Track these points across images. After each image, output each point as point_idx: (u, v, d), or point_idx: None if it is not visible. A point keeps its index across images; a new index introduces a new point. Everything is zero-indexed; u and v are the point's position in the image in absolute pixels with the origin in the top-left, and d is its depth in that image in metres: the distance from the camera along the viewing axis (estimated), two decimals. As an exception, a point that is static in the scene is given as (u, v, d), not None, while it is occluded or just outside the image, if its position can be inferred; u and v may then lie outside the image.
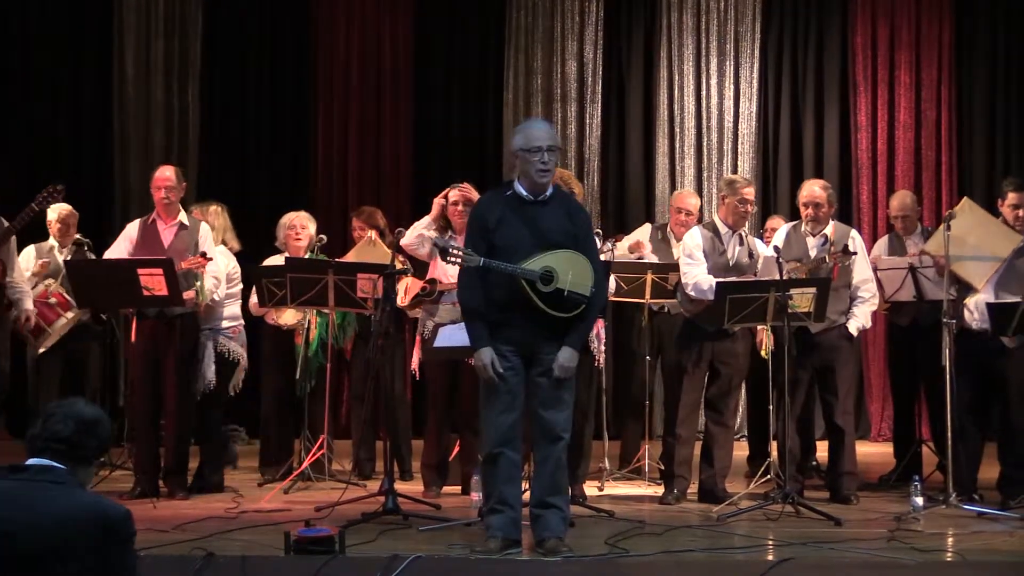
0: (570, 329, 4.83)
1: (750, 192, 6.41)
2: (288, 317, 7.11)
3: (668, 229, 7.43)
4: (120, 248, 6.50)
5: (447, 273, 6.44)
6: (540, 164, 4.78)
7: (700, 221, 7.08)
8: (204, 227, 6.59)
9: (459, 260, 4.75)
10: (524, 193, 4.85)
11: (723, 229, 6.42)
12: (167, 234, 6.50)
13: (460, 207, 6.47)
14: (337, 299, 6.55)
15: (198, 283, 6.39)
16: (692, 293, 6.31)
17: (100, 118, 9.67)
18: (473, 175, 7.76)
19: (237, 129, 9.93)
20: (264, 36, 10.03)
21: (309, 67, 10.02)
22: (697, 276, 6.29)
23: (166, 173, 6.52)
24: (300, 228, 7.17)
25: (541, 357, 4.82)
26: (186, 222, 6.55)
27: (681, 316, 6.61)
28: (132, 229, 6.55)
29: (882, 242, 7.43)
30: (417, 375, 6.73)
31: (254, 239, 7.79)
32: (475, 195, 6.45)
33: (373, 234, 7.22)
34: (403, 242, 6.44)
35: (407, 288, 6.65)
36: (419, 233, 6.47)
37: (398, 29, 10.04)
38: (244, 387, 8.22)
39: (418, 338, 6.68)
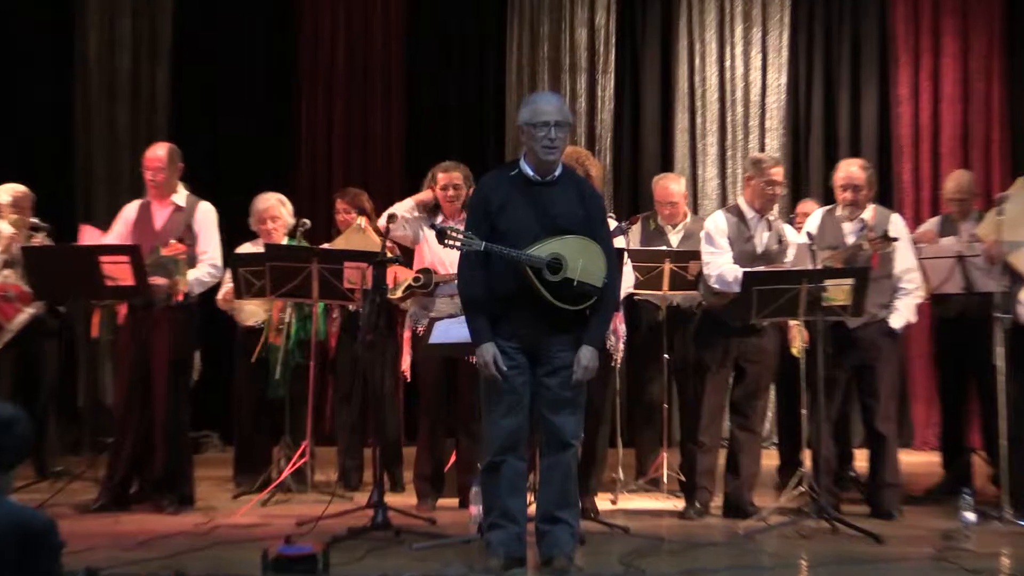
0: (589, 325, 4.82)
1: (778, 172, 6.38)
2: (249, 315, 7.08)
3: (660, 218, 7.45)
4: (116, 232, 6.56)
5: (444, 262, 6.42)
6: (547, 141, 4.78)
7: (723, 205, 7.05)
8: (203, 208, 6.58)
9: (458, 244, 4.71)
10: (530, 173, 4.85)
11: (749, 214, 6.39)
12: (160, 216, 6.54)
13: (450, 191, 6.46)
14: (321, 290, 6.53)
15: (179, 276, 6.36)
16: (716, 285, 6.27)
17: (60, 95, 9.62)
18: (472, 156, 7.75)
19: (211, 107, 9.89)
20: (241, 5, 9.97)
21: (290, 38, 10.00)
22: (721, 266, 6.26)
23: (157, 152, 6.56)
24: (272, 219, 7.16)
25: (548, 355, 4.80)
26: (182, 203, 6.56)
27: (693, 310, 6.59)
28: (130, 211, 6.61)
29: (933, 222, 7.39)
30: (408, 376, 6.71)
31: (231, 225, 7.74)
32: (460, 178, 6.46)
33: (363, 220, 7.20)
34: (380, 223, 6.42)
35: (396, 277, 6.62)
36: (400, 215, 6.47)
37: (388, -6, 10.03)
38: (218, 389, 8.19)
39: (408, 334, 6.66)
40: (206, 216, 6.57)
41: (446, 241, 4.76)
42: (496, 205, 4.79)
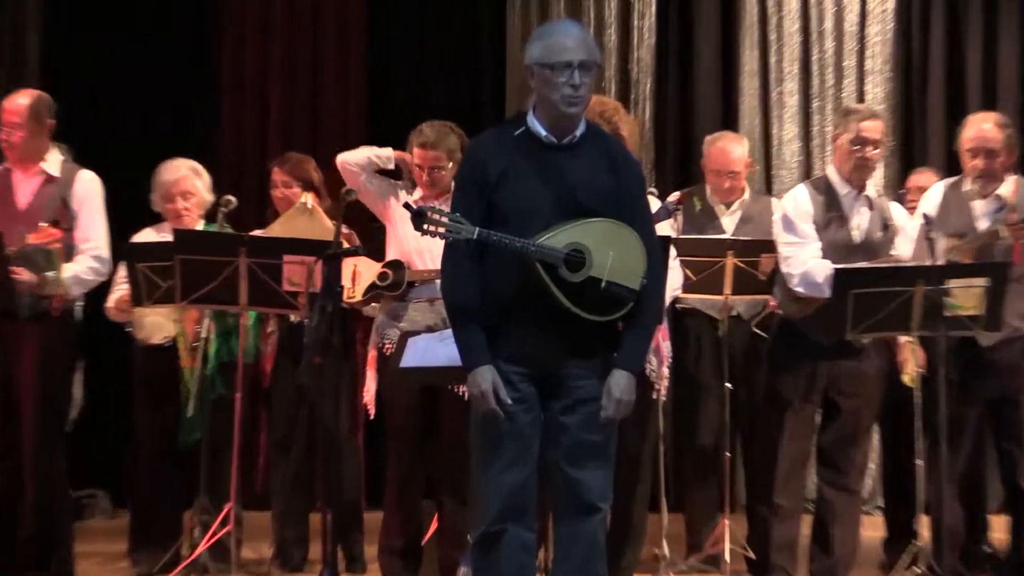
0: (623, 342, 4.81)
1: (873, 128, 6.42)
2: (152, 329, 7.09)
3: (708, 194, 7.48)
4: None
5: (422, 253, 6.43)
6: (568, 88, 4.77)
7: (806, 176, 7.06)
8: (84, 179, 6.60)
9: (442, 231, 4.70)
10: (542, 132, 4.85)
11: (842, 189, 6.43)
12: (24, 190, 6.57)
13: (425, 175, 6.51)
14: (252, 294, 6.55)
15: (51, 273, 6.36)
16: (799, 288, 6.31)
17: None
18: (460, 114, 7.71)
19: (99, 47, 9.90)
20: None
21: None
22: (807, 262, 6.30)
23: (17, 102, 6.59)
24: (183, 196, 7.18)
25: (567, 384, 4.80)
26: (54, 172, 6.59)
27: (756, 330, 6.60)
28: None
29: None
30: (372, 411, 6.71)
31: (125, 204, 7.77)
32: (442, 158, 6.49)
33: (309, 198, 7.21)
34: (341, 159, 6.50)
35: (357, 274, 6.62)
36: (368, 157, 6.53)
37: None
38: (107, 431, 8.19)
39: (374, 353, 6.66)
40: (88, 190, 6.59)
41: (426, 226, 4.74)
42: (495, 176, 4.78)
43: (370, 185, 6.59)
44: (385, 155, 6.61)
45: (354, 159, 6.59)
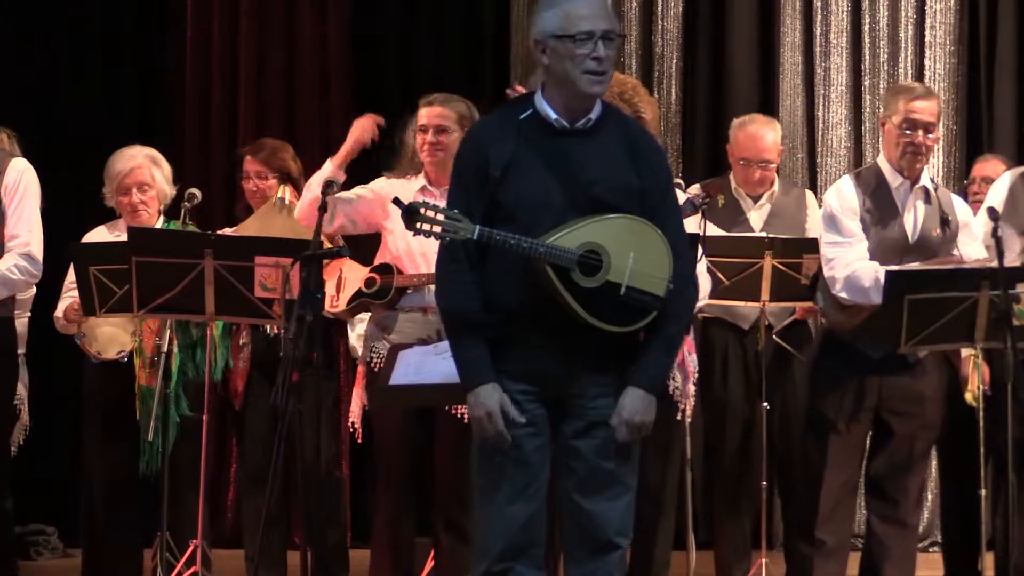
0: (642, 356, 4.81)
1: (925, 108, 6.39)
2: (106, 342, 7.13)
3: (734, 187, 7.52)
4: None
5: (413, 255, 6.47)
6: (591, 63, 4.75)
7: (857, 165, 7.06)
8: (16, 167, 6.60)
9: (437, 229, 4.72)
10: (552, 115, 4.85)
11: (892, 179, 6.44)
12: None
13: (430, 136, 6.49)
14: (221, 302, 6.56)
15: None
16: (843, 293, 6.32)
17: None
18: (457, 90, 7.76)
19: (39, 20, 9.95)
20: None
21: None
22: (852, 264, 6.31)
23: None
24: (139, 188, 7.18)
25: (580, 404, 4.81)
26: None
27: (776, 338, 6.64)
28: None
29: None
30: (359, 434, 6.74)
31: (73, 198, 7.82)
32: (452, 118, 6.50)
33: (287, 191, 7.22)
34: (301, 215, 6.50)
35: (343, 280, 6.65)
36: (315, 196, 6.44)
37: None
38: (56, 459, 8.22)
39: (361, 369, 6.70)
40: (20, 180, 6.58)
41: (419, 224, 4.74)
42: (498, 167, 4.76)
43: (347, 206, 6.58)
44: (325, 173, 6.51)
45: (310, 197, 6.49)
